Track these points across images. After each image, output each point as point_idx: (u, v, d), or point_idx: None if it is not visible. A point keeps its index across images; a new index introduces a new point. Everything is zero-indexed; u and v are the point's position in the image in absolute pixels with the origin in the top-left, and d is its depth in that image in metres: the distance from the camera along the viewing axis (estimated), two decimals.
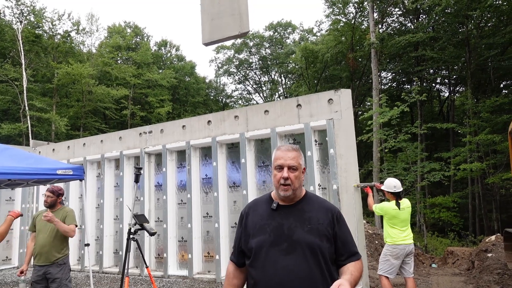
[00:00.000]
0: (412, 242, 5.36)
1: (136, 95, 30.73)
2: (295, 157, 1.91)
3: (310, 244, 1.78)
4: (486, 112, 16.68)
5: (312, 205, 1.93)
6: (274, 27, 37.90)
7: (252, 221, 1.95)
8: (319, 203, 1.96)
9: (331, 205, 1.99)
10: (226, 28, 3.19)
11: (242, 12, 3.13)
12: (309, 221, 1.85)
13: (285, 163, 1.88)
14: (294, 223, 1.84)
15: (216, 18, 3.24)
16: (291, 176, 1.86)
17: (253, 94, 41.93)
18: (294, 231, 1.81)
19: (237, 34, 3.17)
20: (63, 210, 4.48)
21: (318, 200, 2.00)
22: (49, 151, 9.85)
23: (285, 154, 1.90)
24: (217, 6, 3.25)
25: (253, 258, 1.86)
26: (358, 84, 27.21)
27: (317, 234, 1.81)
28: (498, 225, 17.96)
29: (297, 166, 1.89)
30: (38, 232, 4.37)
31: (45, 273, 4.21)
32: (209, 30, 3.28)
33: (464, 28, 18.32)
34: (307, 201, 1.96)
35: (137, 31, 35.43)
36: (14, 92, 22.70)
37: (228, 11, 3.19)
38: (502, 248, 7.49)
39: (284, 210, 1.90)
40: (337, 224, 1.89)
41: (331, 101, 6.23)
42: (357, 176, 5.97)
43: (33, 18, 25.19)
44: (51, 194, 4.44)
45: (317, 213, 1.89)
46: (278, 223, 1.86)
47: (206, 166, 7.69)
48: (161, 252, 7.88)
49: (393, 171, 15.37)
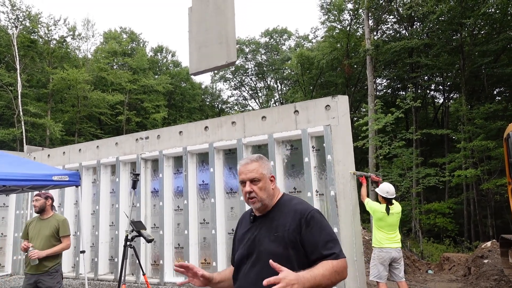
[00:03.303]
0: (398, 246, 5.42)
1: (131, 100, 30.65)
2: (255, 168, 1.87)
3: (273, 254, 1.70)
4: (480, 118, 16.83)
5: (282, 211, 1.85)
6: (270, 33, 38.13)
7: (238, 234, 2.02)
8: (291, 206, 1.85)
9: (303, 206, 1.84)
10: (213, 57, 3.18)
11: (230, 40, 3.13)
12: (276, 229, 1.79)
13: (245, 177, 1.87)
14: (263, 233, 1.82)
15: (203, 46, 3.23)
16: (255, 189, 1.83)
17: (249, 100, 42.05)
18: (262, 242, 1.79)
19: (224, 63, 3.16)
20: (55, 218, 4.43)
21: (291, 203, 1.88)
22: (44, 157, 9.76)
23: (245, 168, 1.89)
24: (205, 34, 3.24)
25: (234, 271, 1.92)
26: (353, 91, 27.38)
27: (282, 242, 1.74)
28: (493, 231, 18.05)
29: (259, 177, 1.86)
30: (31, 240, 4.33)
31: (36, 282, 4.16)
32: (196, 60, 3.27)
33: (458, 35, 18.54)
34: (279, 207, 1.88)
35: (133, 37, 35.44)
36: (8, 97, 22.55)
37: (216, 39, 3.17)
38: (499, 254, 7.52)
39: (259, 221, 1.90)
40: (306, 227, 1.74)
41: (329, 107, 6.26)
42: (354, 182, 5.98)
43: (28, 23, 25.13)
44: (38, 197, 4.42)
45: (286, 218, 1.80)
46: (253, 235, 1.86)
47: (203, 172, 7.66)
48: (157, 258, 7.81)
49: (389, 177, 15.41)
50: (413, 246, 15.00)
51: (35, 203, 4.38)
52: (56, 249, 4.22)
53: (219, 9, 3.17)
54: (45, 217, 4.41)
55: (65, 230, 4.34)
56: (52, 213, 4.47)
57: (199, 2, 3.29)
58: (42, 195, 4.43)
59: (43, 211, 4.41)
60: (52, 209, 4.54)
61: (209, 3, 3.22)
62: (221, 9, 3.16)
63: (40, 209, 4.38)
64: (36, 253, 4.05)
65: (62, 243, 4.31)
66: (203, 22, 3.24)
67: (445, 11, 17.26)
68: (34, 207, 4.40)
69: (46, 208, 4.42)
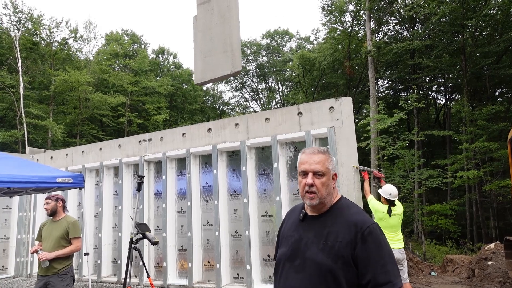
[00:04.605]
0: (401, 247, 5.39)
1: (133, 102, 30.67)
2: (322, 160, 1.69)
3: (319, 265, 1.55)
4: (483, 119, 16.80)
5: (337, 217, 1.65)
6: (271, 35, 38.15)
7: (284, 230, 1.85)
8: (348, 215, 1.64)
9: (362, 218, 1.61)
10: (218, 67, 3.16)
11: (235, 48, 3.11)
12: (326, 237, 1.60)
13: (309, 168, 1.69)
14: (312, 238, 1.64)
15: (208, 55, 3.21)
16: (317, 183, 1.65)
17: (250, 101, 42.04)
18: (309, 248, 1.62)
19: (229, 73, 3.14)
20: (67, 220, 4.44)
21: (349, 211, 1.67)
22: (47, 159, 9.77)
23: (310, 157, 1.71)
24: (210, 42, 3.22)
25: (275, 269, 1.80)
26: (355, 92, 27.35)
27: (332, 254, 1.54)
28: (495, 233, 17.99)
29: (324, 171, 1.67)
30: (43, 241, 4.35)
31: (46, 284, 4.17)
32: (201, 69, 3.26)
33: (460, 37, 18.52)
34: (335, 212, 1.68)
35: (134, 39, 35.51)
36: (10, 99, 22.58)
37: (221, 47, 3.15)
38: (503, 256, 7.48)
39: (309, 222, 1.72)
40: (361, 244, 1.52)
41: (332, 109, 6.25)
42: (358, 184, 5.98)
43: (30, 26, 25.18)
44: (49, 200, 4.42)
45: (340, 227, 1.60)
46: (299, 237, 1.70)
47: (206, 174, 7.66)
48: (160, 261, 7.80)
49: (391, 178, 15.38)
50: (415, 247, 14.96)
51: (46, 206, 4.39)
52: (65, 250, 4.22)
53: (223, 18, 3.16)
54: (57, 219, 4.42)
55: (75, 231, 4.34)
56: (64, 215, 4.49)
57: (204, 11, 3.27)
58: (53, 197, 4.43)
59: (55, 214, 4.43)
60: (64, 210, 4.55)
61: (214, 12, 3.21)
62: (225, 18, 3.15)
63: (52, 211, 4.40)
64: (44, 255, 4.06)
65: (71, 245, 4.31)
66: (208, 31, 3.23)
67: (447, 12, 17.25)
68: (46, 210, 4.41)
69: (58, 210, 4.44)
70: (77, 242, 4.34)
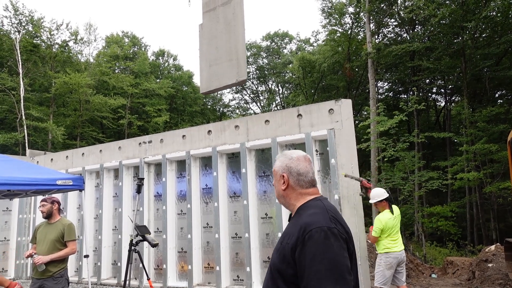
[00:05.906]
0: (402, 249, 5.39)
1: (133, 104, 30.73)
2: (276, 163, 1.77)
3: (272, 265, 1.58)
4: (483, 121, 16.82)
5: (296, 219, 1.62)
6: (271, 37, 38.25)
7: None
8: (303, 217, 1.57)
9: (309, 220, 1.50)
10: (224, 76, 3.17)
11: (240, 57, 3.11)
12: (283, 238, 1.60)
13: None
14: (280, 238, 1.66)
15: (214, 64, 3.22)
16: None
17: (250, 103, 42.10)
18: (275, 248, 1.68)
19: (234, 82, 3.16)
20: (62, 222, 4.42)
21: (306, 212, 1.59)
22: (47, 161, 9.77)
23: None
24: (215, 51, 3.23)
25: None
26: (355, 94, 27.39)
27: (281, 255, 1.53)
28: (496, 234, 17.98)
29: (273, 173, 1.76)
30: (38, 244, 4.33)
31: (41, 287, 4.16)
32: (206, 78, 3.26)
33: (460, 38, 18.56)
34: (298, 213, 1.66)
35: (134, 41, 35.59)
36: (11, 101, 22.62)
37: (226, 56, 3.16)
38: (503, 258, 7.48)
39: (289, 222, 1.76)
40: (301, 247, 1.43)
41: (332, 111, 6.25)
42: (358, 186, 5.96)
43: (31, 28, 25.25)
44: (45, 202, 4.41)
45: (293, 229, 1.55)
46: None
47: (206, 176, 7.65)
48: (160, 263, 7.79)
49: (391, 180, 15.38)
50: (416, 249, 14.95)
51: (42, 209, 4.38)
52: (61, 253, 4.21)
53: (229, 25, 3.15)
54: (53, 221, 4.40)
55: (70, 234, 4.32)
56: (59, 217, 4.47)
57: (209, 19, 3.27)
58: (48, 200, 4.42)
59: (51, 216, 4.41)
60: (60, 213, 4.54)
61: (219, 19, 3.21)
62: (231, 25, 3.15)
63: (48, 214, 4.38)
64: (40, 258, 4.04)
65: (67, 248, 4.29)
66: (213, 39, 3.24)
67: (447, 14, 17.30)
68: (42, 213, 4.39)
69: (53, 213, 4.42)
70: (73, 245, 4.33)
